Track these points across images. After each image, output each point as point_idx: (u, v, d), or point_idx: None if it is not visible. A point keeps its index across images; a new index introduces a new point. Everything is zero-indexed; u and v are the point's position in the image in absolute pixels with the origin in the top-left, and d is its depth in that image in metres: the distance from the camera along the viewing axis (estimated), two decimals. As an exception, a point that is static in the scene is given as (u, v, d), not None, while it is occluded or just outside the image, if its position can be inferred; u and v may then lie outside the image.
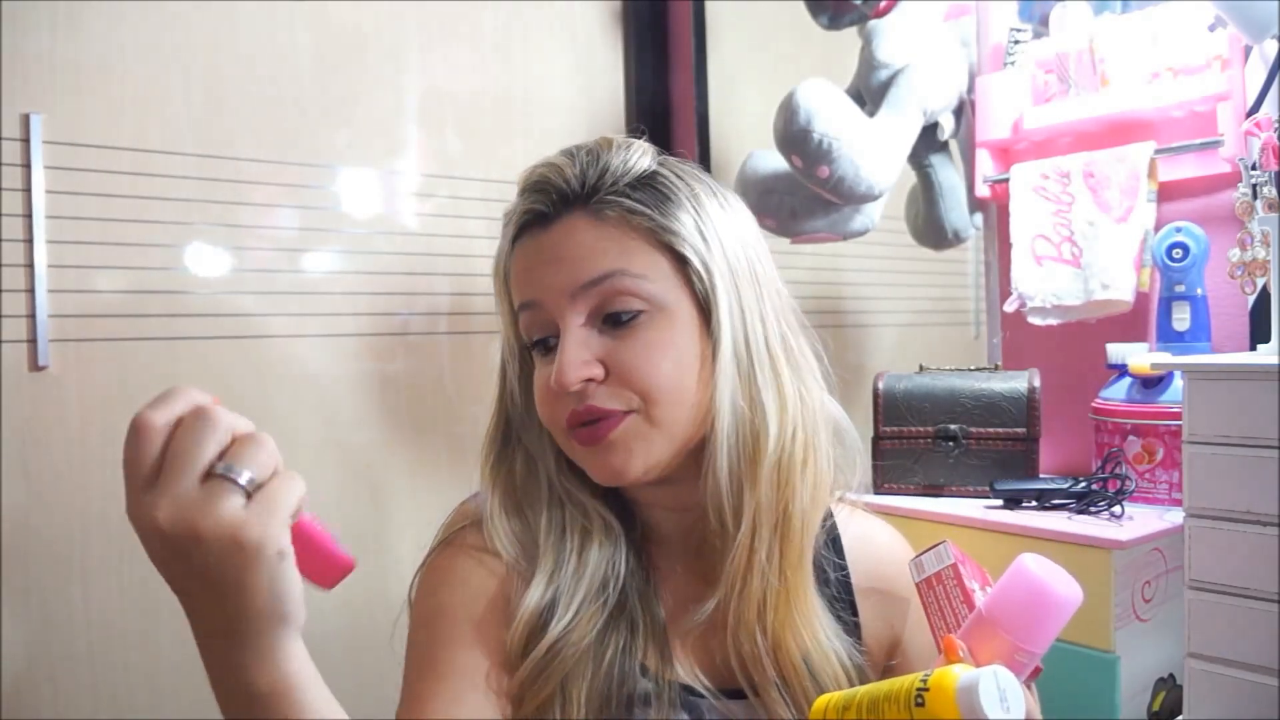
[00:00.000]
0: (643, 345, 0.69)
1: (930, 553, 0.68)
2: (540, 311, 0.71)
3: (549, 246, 0.71)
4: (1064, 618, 0.60)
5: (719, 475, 0.70)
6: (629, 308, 0.69)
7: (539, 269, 0.71)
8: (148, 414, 0.51)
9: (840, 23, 1.35)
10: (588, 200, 0.71)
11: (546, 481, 0.76)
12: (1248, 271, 0.91)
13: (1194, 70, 1.12)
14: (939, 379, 1.17)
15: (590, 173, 0.71)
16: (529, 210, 0.72)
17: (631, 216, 0.70)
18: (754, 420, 0.71)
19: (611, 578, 0.73)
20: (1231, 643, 0.76)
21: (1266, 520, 0.74)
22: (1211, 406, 0.78)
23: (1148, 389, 1.10)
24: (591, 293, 0.69)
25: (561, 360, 0.68)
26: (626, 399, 0.69)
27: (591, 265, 0.69)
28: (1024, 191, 1.23)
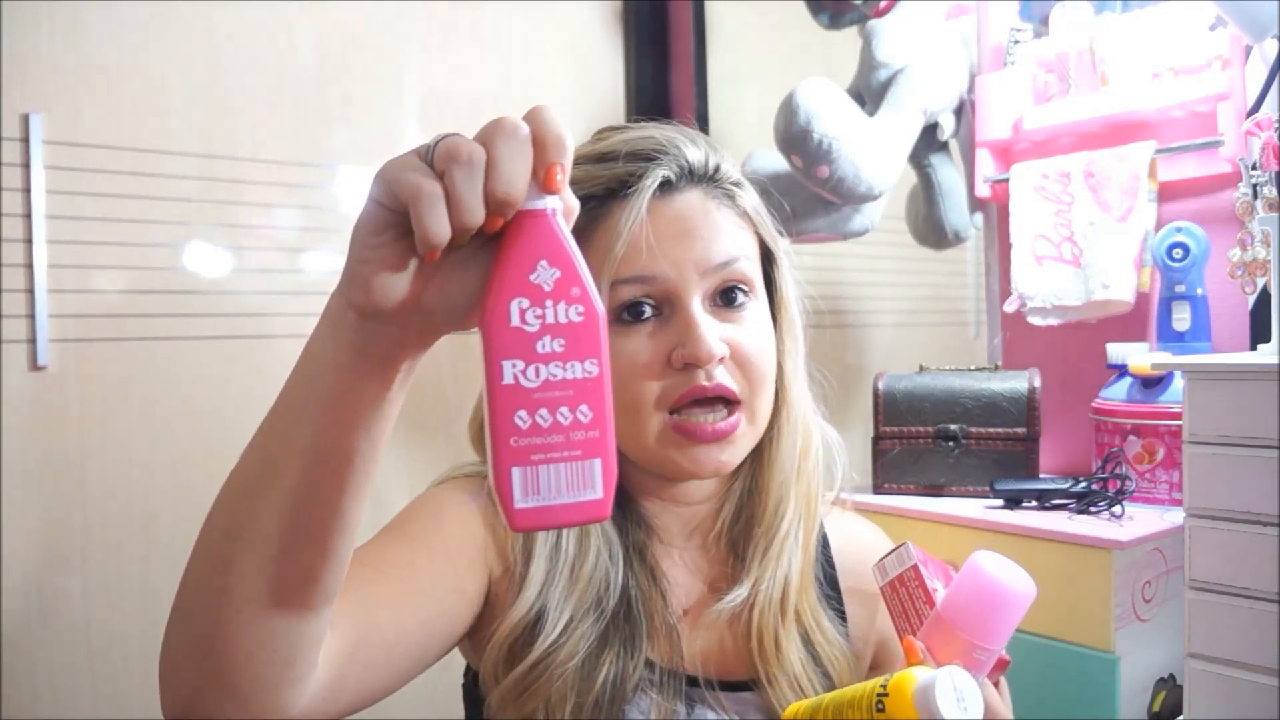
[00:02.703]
0: (754, 329, 0.70)
1: (892, 555, 0.68)
2: (658, 285, 0.68)
3: (679, 219, 0.69)
4: (1019, 613, 0.60)
5: (779, 466, 0.73)
6: (742, 292, 0.70)
7: (667, 242, 0.68)
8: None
9: (840, 23, 1.35)
10: (712, 181, 0.71)
11: None
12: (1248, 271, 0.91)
13: (1194, 70, 1.12)
14: (939, 379, 1.17)
15: (712, 156, 0.72)
16: (662, 175, 0.69)
17: (744, 207, 0.72)
18: (809, 414, 0.75)
19: (607, 593, 0.71)
20: (1231, 643, 0.76)
21: (1266, 520, 0.74)
22: (1212, 406, 0.78)
23: (1148, 389, 1.10)
24: (719, 274, 0.69)
25: (701, 333, 0.67)
26: (741, 383, 0.69)
27: (723, 246, 0.69)
28: (1024, 191, 1.23)
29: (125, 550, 1.29)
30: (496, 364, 0.46)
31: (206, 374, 1.35)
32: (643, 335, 0.69)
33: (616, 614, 0.71)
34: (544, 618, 0.69)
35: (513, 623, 0.69)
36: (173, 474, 1.33)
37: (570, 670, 0.68)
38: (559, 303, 0.45)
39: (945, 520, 1.06)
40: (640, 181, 0.68)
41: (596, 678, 0.69)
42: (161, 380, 1.32)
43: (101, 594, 1.27)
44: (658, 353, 0.68)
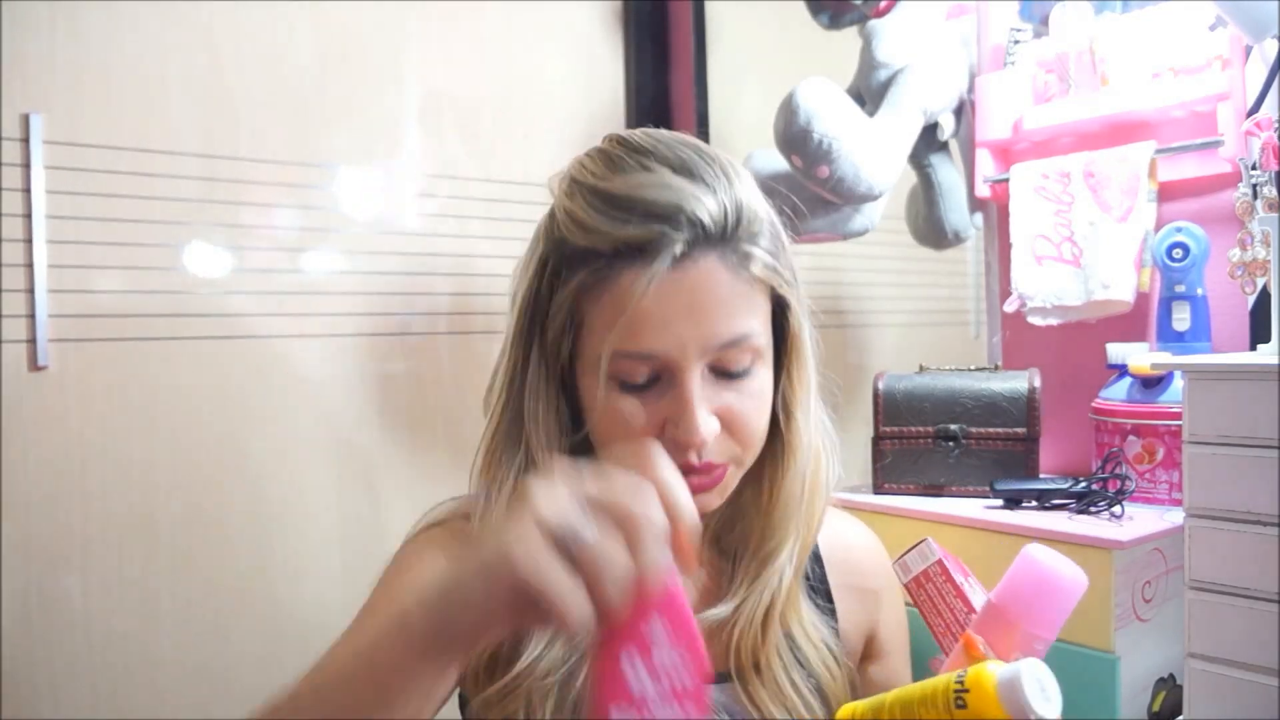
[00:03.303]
0: (751, 399, 0.69)
1: (913, 552, 0.69)
2: (658, 361, 0.66)
3: (684, 293, 0.64)
4: (1073, 602, 0.62)
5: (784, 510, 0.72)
6: (746, 364, 0.68)
7: (670, 320, 0.64)
8: None
9: (840, 23, 1.35)
10: (726, 243, 0.65)
11: None
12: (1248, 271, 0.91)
13: (1194, 70, 1.12)
14: (939, 379, 1.17)
15: (729, 209, 0.65)
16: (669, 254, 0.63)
17: (761, 267, 0.67)
18: (817, 456, 0.74)
19: None
20: (1231, 643, 0.76)
21: (1266, 520, 0.74)
22: (1212, 406, 0.78)
23: (1148, 389, 1.10)
24: (720, 348, 0.66)
25: (693, 420, 0.65)
26: (731, 451, 0.69)
27: (729, 324, 0.65)
28: (1024, 191, 1.23)
29: (125, 550, 1.29)
30: (605, 708, 0.48)
31: (206, 374, 1.35)
32: (637, 400, 0.67)
33: None
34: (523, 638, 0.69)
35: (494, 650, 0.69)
36: (173, 474, 1.33)
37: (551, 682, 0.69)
38: (669, 655, 0.48)
39: (945, 520, 1.06)
40: (652, 256, 0.63)
41: (577, 678, 0.70)
42: (161, 380, 1.32)
43: (101, 594, 1.27)
44: (651, 420, 0.67)
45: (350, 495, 1.49)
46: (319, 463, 1.45)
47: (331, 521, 1.47)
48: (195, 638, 1.34)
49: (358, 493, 1.50)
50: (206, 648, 1.34)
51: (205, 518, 1.35)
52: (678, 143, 0.69)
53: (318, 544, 1.45)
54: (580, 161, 0.71)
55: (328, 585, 1.45)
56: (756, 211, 0.68)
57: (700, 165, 0.67)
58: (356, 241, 1.49)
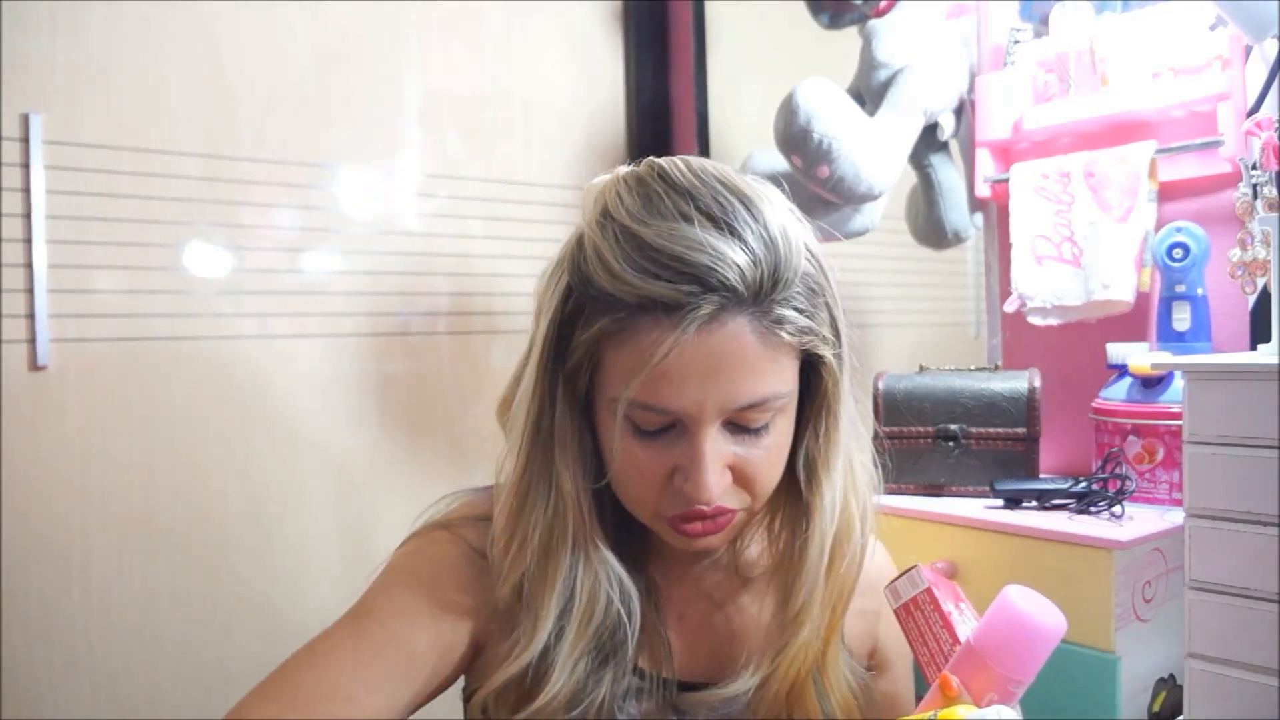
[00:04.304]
0: (768, 453, 0.67)
1: (904, 578, 0.69)
2: (670, 414, 0.64)
3: (706, 355, 0.62)
4: (1050, 647, 0.62)
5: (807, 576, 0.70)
6: (765, 421, 0.66)
7: (692, 379, 0.62)
8: None
9: (840, 23, 1.35)
10: (758, 305, 0.63)
11: (572, 536, 0.70)
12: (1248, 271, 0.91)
13: (1194, 70, 1.12)
14: (939, 379, 1.17)
15: (766, 274, 0.62)
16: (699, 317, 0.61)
17: (790, 328, 0.64)
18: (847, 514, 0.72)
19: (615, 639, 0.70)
20: (1232, 643, 0.76)
21: (1266, 520, 0.74)
22: (1212, 406, 0.78)
23: (1148, 389, 1.09)
24: (738, 409, 0.64)
25: (705, 479, 0.64)
26: (741, 500, 0.68)
27: (750, 387, 0.63)
28: (1024, 191, 1.23)
29: (125, 550, 1.29)
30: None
31: (206, 374, 1.35)
32: (651, 446, 0.66)
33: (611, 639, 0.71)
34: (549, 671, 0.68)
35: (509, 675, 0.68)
36: (173, 474, 1.33)
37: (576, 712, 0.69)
38: None
39: (945, 520, 1.06)
40: (679, 318, 0.60)
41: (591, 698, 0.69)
42: (161, 380, 1.32)
43: (101, 594, 1.27)
44: (661, 468, 0.66)
45: (350, 495, 1.49)
46: (319, 462, 1.45)
47: (331, 521, 1.47)
48: (195, 637, 1.34)
49: (357, 492, 1.50)
50: (206, 647, 1.34)
51: (205, 517, 1.35)
52: (720, 184, 0.64)
53: (317, 543, 1.45)
54: (617, 191, 0.66)
55: (327, 584, 1.45)
56: (795, 266, 0.64)
57: (741, 215, 0.63)
58: (356, 241, 1.49)
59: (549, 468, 0.69)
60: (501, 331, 1.64)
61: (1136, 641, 0.94)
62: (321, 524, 1.46)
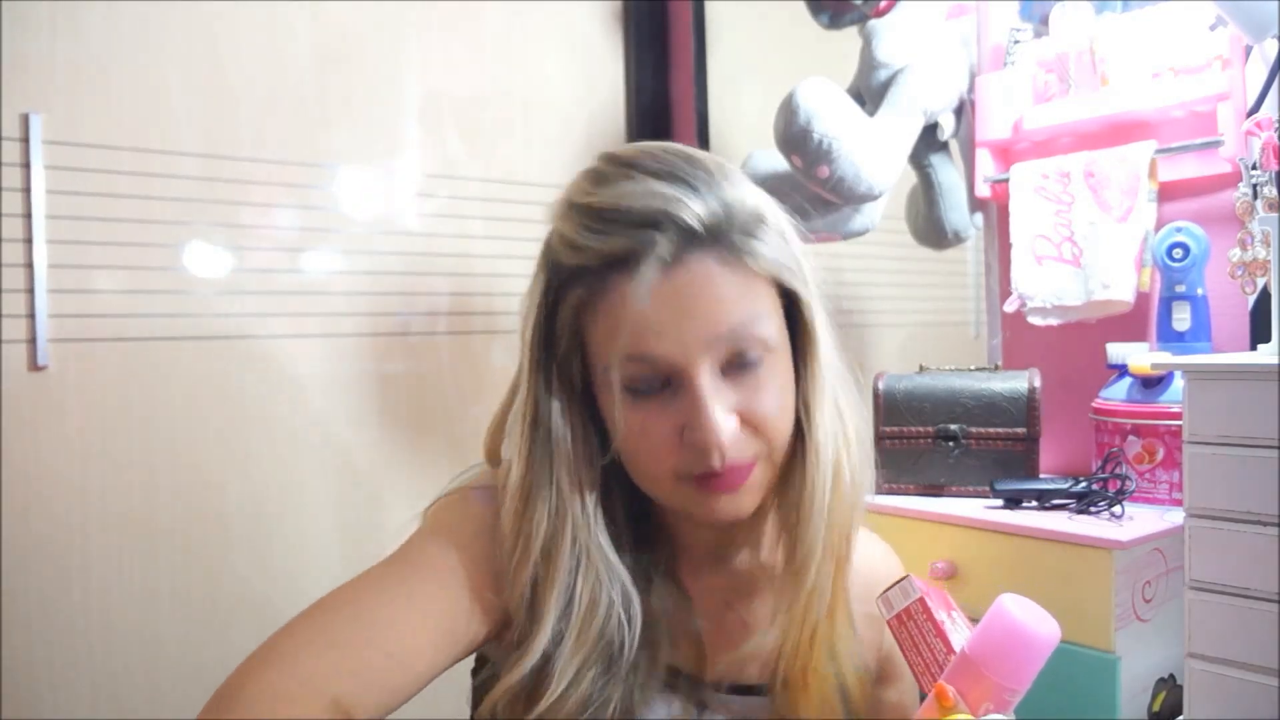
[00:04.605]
0: (769, 392, 0.67)
1: (895, 589, 0.69)
2: (662, 363, 0.65)
3: (677, 294, 0.64)
4: (1045, 656, 0.62)
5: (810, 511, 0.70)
6: (754, 354, 0.67)
7: (668, 320, 0.64)
8: None
9: (840, 23, 1.35)
10: (716, 241, 0.65)
11: (571, 534, 0.70)
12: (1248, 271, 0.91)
13: (1194, 70, 1.12)
14: (939, 379, 1.17)
15: (716, 209, 0.65)
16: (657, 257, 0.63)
17: (757, 258, 0.66)
18: (839, 454, 0.72)
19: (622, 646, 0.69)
20: (1231, 643, 0.76)
21: (1266, 520, 0.74)
22: (1212, 406, 0.78)
23: (1148, 389, 1.10)
24: (727, 343, 0.65)
25: (710, 421, 0.64)
26: (755, 447, 0.68)
27: (725, 315, 0.65)
28: (1024, 191, 1.23)
29: (125, 550, 1.29)
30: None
31: (206, 374, 1.35)
32: (654, 408, 0.66)
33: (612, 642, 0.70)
34: (550, 676, 0.67)
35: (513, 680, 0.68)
36: (173, 474, 1.33)
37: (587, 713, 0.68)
38: None
39: (945, 520, 1.06)
40: (639, 261, 0.63)
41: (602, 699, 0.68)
42: (161, 380, 1.32)
43: (101, 594, 1.27)
44: (669, 428, 0.66)
45: (349, 494, 1.49)
46: (318, 462, 1.45)
47: (331, 520, 1.47)
48: (195, 637, 1.34)
49: (357, 492, 1.50)
50: (206, 647, 1.34)
51: (205, 517, 1.35)
52: (664, 151, 0.68)
53: (317, 543, 1.45)
54: (572, 182, 0.70)
55: (327, 584, 1.44)
56: (750, 207, 0.67)
57: (685, 169, 0.66)
58: (356, 241, 1.49)
59: (548, 467, 0.70)
60: (501, 331, 1.64)
61: (1136, 641, 0.94)
62: (321, 524, 1.46)
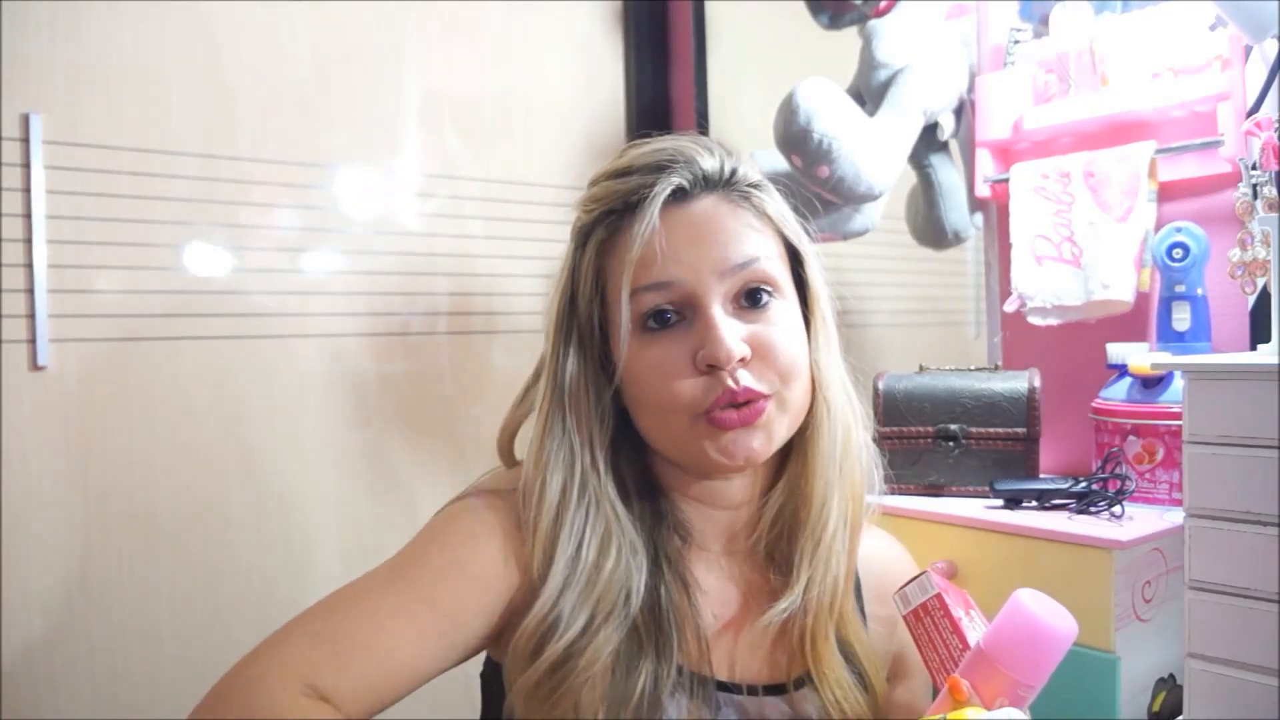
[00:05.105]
0: (780, 327, 0.72)
1: (914, 584, 0.68)
2: (676, 290, 0.70)
3: (693, 225, 0.71)
4: (1062, 652, 0.61)
5: (821, 463, 0.74)
6: (765, 293, 0.72)
7: (682, 247, 0.70)
8: None
9: (840, 23, 1.35)
10: (728, 186, 0.73)
11: (581, 482, 0.73)
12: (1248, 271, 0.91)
13: (1194, 70, 1.12)
14: (939, 379, 1.17)
15: (726, 162, 0.74)
16: (674, 183, 0.71)
17: (764, 208, 0.74)
18: (847, 411, 0.76)
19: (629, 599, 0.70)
20: (1231, 643, 0.76)
21: (1266, 520, 0.74)
22: (1212, 406, 0.78)
23: (1148, 389, 1.09)
24: (738, 276, 0.71)
25: (720, 335, 0.68)
26: (770, 380, 0.71)
27: (740, 248, 0.71)
28: (1024, 191, 1.23)
29: (125, 550, 1.29)
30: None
31: (206, 374, 1.35)
32: (668, 341, 0.70)
33: (645, 620, 0.71)
34: (559, 620, 0.68)
35: (530, 628, 0.69)
36: (173, 474, 1.33)
37: (598, 676, 0.67)
38: None
39: (945, 520, 1.06)
40: (651, 190, 0.70)
41: (632, 687, 0.68)
42: (161, 380, 1.32)
43: (102, 594, 1.27)
44: (683, 357, 0.69)
45: (350, 495, 1.49)
46: (319, 462, 1.45)
47: (331, 521, 1.47)
48: (195, 637, 1.34)
49: (357, 492, 1.50)
50: (207, 647, 1.34)
51: (205, 517, 1.35)
52: (683, 134, 0.77)
53: (318, 543, 1.45)
54: None
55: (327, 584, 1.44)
56: (756, 176, 0.75)
57: (702, 140, 0.75)
58: (356, 241, 1.49)
59: (563, 425, 0.74)
60: (501, 331, 1.64)
61: (1136, 641, 0.94)
62: (322, 524, 1.46)
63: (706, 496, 0.77)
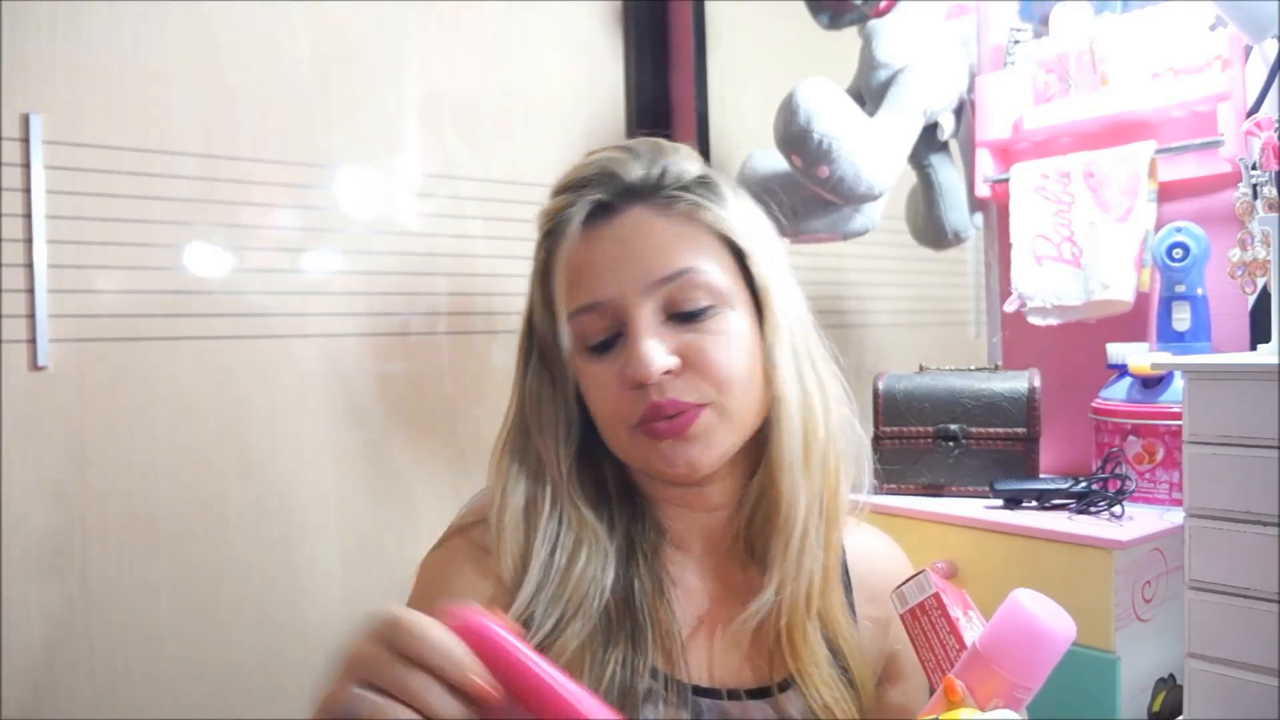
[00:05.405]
0: (715, 337, 0.70)
1: (911, 583, 0.68)
2: (605, 311, 0.69)
3: (617, 240, 0.70)
4: (1059, 654, 0.59)
5: (783, 462, 0.71)
6: (700, 304, 0.69)
7: (606, 265, 0.69)
8: None
9: (840, 23, 1.35)
10: (654, 193, 0.71)
11: (552, 489, 0.74)
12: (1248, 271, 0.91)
13: (1194, 70, 1.12)
14: (939, 379, 1.17)
15: (653, 167, 0.71)
16: (592, 201, 0.71)
17: (697, 210, 0.71)
18: (809, 407, 0.73)
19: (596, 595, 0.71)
20: (1231, 643, 0.76)
21: (1266, 520, 0.74)
22: (1212, 406, 0.78)
23: (1148, 389, 1.09)
24: (666, 289, 0.69)
25: (640, 351, 0.67)
26: (702, 391, 0.69)
27: (665, 260, 0.69)
28: (1024, 191, 1.23)
29: (125, 550, 1.29)
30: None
31: (206, 374, 1.35)
32: (606, 361, 0.70)
33: (617, 613, 0.71)
34: (531, 621, 0.69)
35: None
36: (173, 474, 1.33)
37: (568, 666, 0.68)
38: None
39: (945, 520, 1.06)
40: (570, 211, 0.71)
41: (602, 673, 0.69)
42: (161, 380, 1.32)
43: (102, 593, 1.27)
44: (615, 375, 0.69)
45: (350, 495, 1.49)
46: (319, 462, 1.45)
47: (331, 521, 1.47)
48: (195, 637, 1.34)
49: (357, 492, 1.50)
50: (207, 647, 1.34)
51: (205, 517, 1.35)
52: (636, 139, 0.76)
53: (318, 543, 1.45)
54: None
55: (327, 584, 1.45)
56: (695, 173, 0.72)
57: (633, 143, 0.73)
58: (356, 241, 1.49)
59: (527, 435, 0.75)
60: (501, 331, 1.64)
61: (1136, 641, 0.94)
62: (321, 523, 1.46)
63: (681, 500, 0.77)
